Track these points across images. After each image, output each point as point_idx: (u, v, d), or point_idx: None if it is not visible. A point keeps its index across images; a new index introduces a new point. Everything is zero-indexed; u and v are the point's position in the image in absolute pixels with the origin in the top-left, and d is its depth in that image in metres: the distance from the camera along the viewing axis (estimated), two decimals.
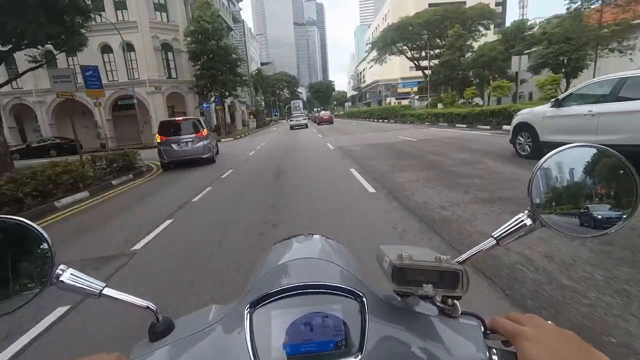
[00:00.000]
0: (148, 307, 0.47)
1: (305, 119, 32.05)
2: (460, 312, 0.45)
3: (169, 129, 10.92)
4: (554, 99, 6.52)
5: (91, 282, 0.45)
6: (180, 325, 0.48)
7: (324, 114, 38.76)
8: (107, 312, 2.30)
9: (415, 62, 43.91)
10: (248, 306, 0.44)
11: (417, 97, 61.30)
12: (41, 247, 0.43)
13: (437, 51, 39.53)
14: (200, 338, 0.44)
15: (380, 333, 0.42)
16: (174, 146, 10.56)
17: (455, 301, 0.44)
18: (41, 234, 0.43)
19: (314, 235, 0.68)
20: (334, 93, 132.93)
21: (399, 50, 43.32)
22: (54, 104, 24.05)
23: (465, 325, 0.44)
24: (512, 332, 0.39)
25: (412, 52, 43.72)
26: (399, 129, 18.91)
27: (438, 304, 0.45)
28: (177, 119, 12.48)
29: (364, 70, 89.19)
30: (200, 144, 10.72)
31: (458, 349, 0.42)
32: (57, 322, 2.37)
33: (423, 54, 42.49)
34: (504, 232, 0.48)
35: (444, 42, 39.01)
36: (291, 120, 31.88)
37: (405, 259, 0.40)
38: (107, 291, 0.46)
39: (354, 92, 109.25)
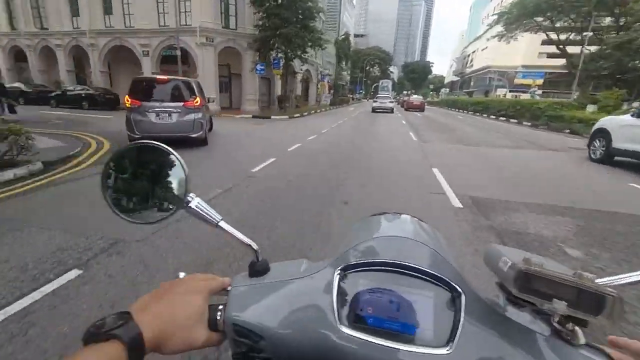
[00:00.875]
0: (251, 246, 0.50)
1: (392, 102, 26.90)
2: (582, 341, 0.38)
3: (146, 91, 7.32)
4: (634, 109, 7.15)
5: (212, 213, 0.50)
6: (275, 269, 0.51)
7: (415, 98, 33.07)
8: None
9: (560, 46, 31.33)
10: (340, 269, 0.45)
11: (539, 91, 48.27)
12: (179, 174, 0.50)
13: (590, 33, 26.64)
14: (292, 285, 0.47)
15: (475, 335, 0.39)
16: (151, 116, 7.12)
17: (577, 327, 0.38)
18: (182, 163, 0.50)
19: (407, 215, 0.65)
20: (430, 76, 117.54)
21: (538, 26, 31.27)
22: (106, 48, 21.16)
23: (584, 357, 0.37)
24: None
25: (557, 32, 31.17)
26: (574, 147, 10.08)
27: (555, 324, 0.39)
28: (158, 77, 7.79)
29: (473, 52, 74.28)
30: (189, 117, 7.34)
31: None
32: None
33: (572, 36, 29.76)
34: None
35: (613, 18, 26.10)
36: (375, 102, 26.85)
37: (535, 265, 0.36)
38: (222, 224, 0.50)
39: (455, 78, 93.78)
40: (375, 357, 0.38)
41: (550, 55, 40.29)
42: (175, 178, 0.50)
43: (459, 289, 0.41)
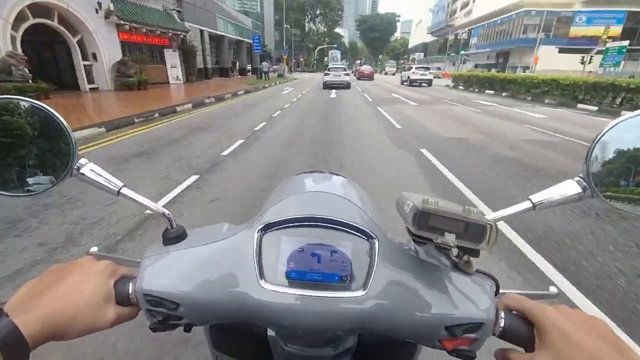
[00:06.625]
0: (163, 214, 0.48)
1: (347, 74, 21.03)
2: (474, 269, 0.44)
3: None
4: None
5: (110, 179, 0.46)
6: (193, 236, 0.49)
7: (365, 68, 36.17)
8: None
9: None
10: (259, 228, 0.45)
11: (611, 47, 24.72)
12: (62, 136, 0.44)
13: None
14: (210, 248, 0.46)
15: (387, 275, 0.43)
16: None
17: (471, 258, 0.43)
18: (62, 122, 0.43)
19: (335, 174, 0.69)
20: (391, 38, 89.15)
21: None
22: None
23: (477, 282, 0.44)
24: (529, 306, 0.38)
25: None
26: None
27: (453, 257, 0.43)
28: None
29: None
30: None
31: (465, 303, 0.42)
32: None
33: None
34: (545, 197, 0.46)
35: None
36: (326, 75, 20.87)
37: (431, 204, 0.38)
38: (125, 190, 0.47)
39: (431, 38, 66.30)
40: (298, 307, 0.41)
41: None
42: (56, 139, 0.43)
43: (374, 236, 0.44)
